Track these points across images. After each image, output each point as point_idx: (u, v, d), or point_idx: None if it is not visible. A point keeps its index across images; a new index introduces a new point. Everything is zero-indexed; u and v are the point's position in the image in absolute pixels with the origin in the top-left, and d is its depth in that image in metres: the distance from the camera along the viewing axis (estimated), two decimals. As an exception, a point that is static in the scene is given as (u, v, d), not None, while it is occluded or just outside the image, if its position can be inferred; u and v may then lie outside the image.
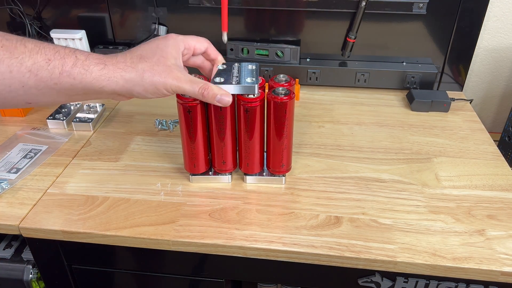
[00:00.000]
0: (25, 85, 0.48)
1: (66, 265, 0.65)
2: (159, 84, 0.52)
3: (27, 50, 0.47)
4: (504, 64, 0.99)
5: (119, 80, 0.51)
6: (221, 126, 0.60)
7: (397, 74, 0.91)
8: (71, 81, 0.49)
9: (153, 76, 0.52)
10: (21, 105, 0.51)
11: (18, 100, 0.50)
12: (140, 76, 0.52)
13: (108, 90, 0.51)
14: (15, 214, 0.61)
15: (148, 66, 0.52)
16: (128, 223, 0.59)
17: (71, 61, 0.49)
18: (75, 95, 0.51)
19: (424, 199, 0.63)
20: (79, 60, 0.50)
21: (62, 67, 0.49)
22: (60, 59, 0.49)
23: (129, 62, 0.52)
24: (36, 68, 0.47)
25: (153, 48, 0.54)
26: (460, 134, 0.79)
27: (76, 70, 0.49)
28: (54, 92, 0.50)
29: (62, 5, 0.94)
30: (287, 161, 0.64)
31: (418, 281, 0.57)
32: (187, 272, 0.64)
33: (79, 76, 0.49)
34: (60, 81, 0.49)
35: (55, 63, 0.48)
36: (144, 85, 0.52)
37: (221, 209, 0.62)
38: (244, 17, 0.91)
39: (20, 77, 0.47)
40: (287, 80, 0.62)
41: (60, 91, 0.50)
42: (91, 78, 0.50)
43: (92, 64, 0.50)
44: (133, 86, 0.52)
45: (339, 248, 0.55)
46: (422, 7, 0.84)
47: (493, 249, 0.55)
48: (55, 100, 0.52)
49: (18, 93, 0.48)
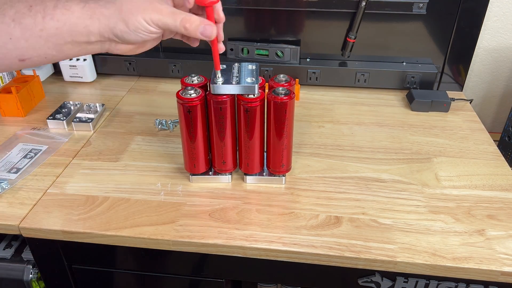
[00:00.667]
0: (12, 37, 0.47)
1: (66, 265, 0.65)
2: (139, 16, 0.49)
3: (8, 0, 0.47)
4: (504, 64, 0.99)
5: (100, 17, 0.49)
6: (221, 126, 0.60)
7: (397, 74, 0.91)
8: (55, 24, 0.48)
9: (132, 7, 0.49)
10: (15, 64, 0.50)
11: (10, 57, 0.48)
12: (119, 10, 0.49)
13: (94, 30, 0.49)
14: (15, 214, 0.61)
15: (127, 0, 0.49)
16: (128, 223, 0.59)
17: (52, 3, 0.48)
18: (64, 44, 0.49)
19: (424, 199, 0.64)
20: (60, 2, 0.48)
21: (44, 10, 0.47)
22: (41, 3, 0.48)
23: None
24: (19, 16, 0.47)
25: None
26: (460, 134, 0.79)
27: (58, 11, 0.48)
28: (42, 41, 0.48)
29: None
30: (287, 161, 0.64)
31: (418, 281, 0.57)
32: (187, 272, 0.64)
33: (63, 17, 0.48)
34: (45, 27, 0.47)
35: (36, 8, 0.47)
36: (124, 19, 0.49)
37: (221, 209, 0.62)
38: (244, 17, 0.91)
39: (5, 28, 0.46)
40: (287, 80, 0.62)
41: (47, 39, 0.48)
42: (74, 17, 0.48)
43: (73, 4, 0.48)
44: (114, 23, 0.49)
45: (339, 248, 0.55)
46: (422, 7, 0.84)
47: (493, 249, 0.55)
48: (46, 53, 0.50)
49: (7, 47, 0.47)
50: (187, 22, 0.50)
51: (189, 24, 0.50)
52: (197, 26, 0.50)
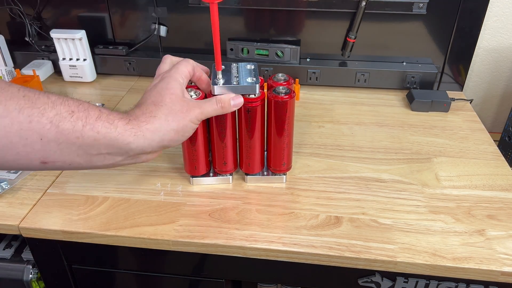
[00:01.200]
0: (44, 138, 0.44)
1: (66, 265, 0.65)
2: (185, 120, 0.51)
3: (50, 101, 0.44)
4: (504, 64, 0.99)
5: (146, 134, 0.49)
6: (222, 127, 0.60)
7: (397, 74, 0.91)
8: (95, 135, 0.46)
9: (176, 116, 0.51)
10: (34, 165, 0.46)
11: (32, 157, 0.45)
12: (165, 121, 0.50)
13: (135, 148, 0.49)
14: (15, 214, 0.61)
15: (166, 109, 0.50)
16: (128, 223, 0.59)
17: (95, 114, 0.46)
18: (97, 155, 0.47)
19: (424, 199, 0.64)
20: (103, 114, 0.47)
21: (86, 119, 0.45)
22: (84, 111, 0.46)
23: (148, 114, 0.50)
24: (58, 119, 0.44)
25: (159, 91, 0.52)
26: (460, 134, 0.79)
27: (100, 123, 0.46)
28: (74, 148, 0.46)
29: (62, 5, 0.94)
30: (288, 159, 0.64)
31: (418, 281, 0.57)
32: (187, 272, 0.64)
33: (103, 130, 0.46)
34: (82, 135, 0.45)
35: (78, 115, 0.45)
36: (173, 128, 0.51)
37: (221, 209, 0.62)
38: (244, 17, 0.91)
39: (39, 128, 0.43)
40: (286, 79, 0.62)
41: (81, 147, 0.46)
42: (116, 133, 0.47)
43: (116, 119, 0.47)
44: (162, 135, 0.50)
45: (339, 248, 0.55)
46: (422, 7, 0.84)
47: (493, 249, 0.55)
48: (72, 160, 0.47)
49: (34, 147, 0.44)
50: (221, 103, 0.56)
51: (223, 103, 0.56)
52: (229, 102, 0.56)
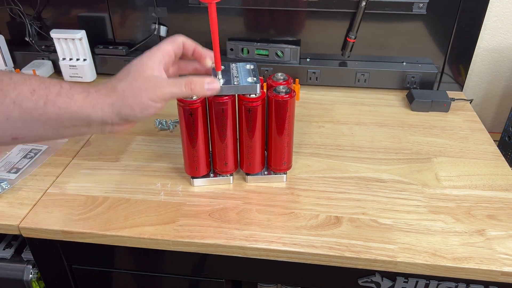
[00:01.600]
0: (10, 118, 0.46)
1: (66, 265, 0.65)
2: (143, 97, 0.50)
3: (12, 82, 0.46)
4: (504, 64, 0.99)
5: (104, 107, 0.49)
6: (223, 128, 0.60)
7: (397, 74, 0.91)
8: (56, 111, 0.47)
9: (134, 92, 0.50)
10: (7, 141, 0.49)
11: (3, 134, 0.48)
12: (122, 96, 0.50)
13: (96, 119, 0.50)
14: (15, 214, 0.61)
15: (126, 84, 0.50)
16: (128, 223, 0.59)
17: (55, 90, 0.48)
18: (62, 128, 0.49)
19: (424, 199, 0.64)
20: (63, 89, 0.48)
21: (47, 96, 0.47)
22: (45, 88, 0.47)
23: (109, 87, 0.51)
24: (20, 99, 0.46)
25: (128, 67, 0.52)
26: (460, 134, 0.79)
27: (61, 99, 0.48)
28: (40, 124, 0.48)
29: (62, 5, 0.94)
30: (288, 158, 0.64)
31: (418, 281, 0.57)
32: (187, 272, 0.64)
33: (64, 105, 0.48)
34: (45, 112, 0.47)
35: (39, 93, 0.47)
36: (129, 104, 0.50)
37: (221, 209, 0.62)
38: (244, 17, 0.91)
39: (4, 109, 0.46)
40: (285, 78, 0.62)
41: (46, 122, 0.48)
42: (76, 106, 0.48)
43: (76, 93, 0.48)
44: (119, 109, 0.50)
45: (339, 248, 0.55)
46: (422, 7, 0.84)
47: (493, 249, 0.55)
48: (41, 134, 0.49)
49: (3, 126, 0.47)
50: (192, 84, 0.52)
51: (194, 85, 0.52)
52: (202, 85, 0.53)
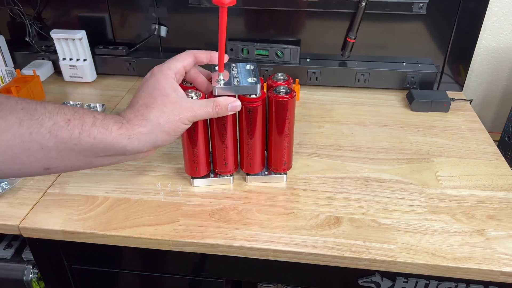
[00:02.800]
0: (45, 148, 0.47)
1: (66, 265, 0.65)
2: (178, 122, 0.52)
3: (46, 111, 0.47)
4: (504, 64, 0.99)
5: (139, 137, 0.51)
6: (223, 128, 0.60)
7: (397, 74, 0.91)
8: (91, 141, 0.48)
9: (168, 118, 0.52)
10: (39, 171, 0.49)
11: (36, 165, 0.48)
12: (157, 124, 0.51)
13: (131, 150, 0.51)
14: (15, 214, 0.61)
15: (158, 112, 0.52)
16: (128, 223, 0.59)
17: (90, 121, 0.48)
18: (95, 157, 0.51)
19: (424, 199, 0.64)
20: (97, 120, 0.49)
21: (82, 126, 0.48)
22: (79, 118, 0.48)
23: (140, 116, 0.51)
24: (56, 129, 0.46)
25: (150, 91, 0.53)
26: (460, 134, 0.79)
27: (96, 129, 0.48)
28: (74, 154, 0.49)
29: (62, 5, 0.94)
30: (289, 158, 0.64)
31: (418, 281, 0.57)
32: (187, 272, 0.64)
33: (99, 135, 0.48)
34: (80, 141, 0.48)
35: (74, 123, 0.47)
36: (165, 130, 0.52)
37: (221, 209, 0.62)
38: (244, 17, 0.91)
39: (39, 139, 0.46)
40: (285, 78, 0.62)
41: (80, 152, 0.49)
42: (111, 137, 0.49)
43: (110, 123, 0.49)
44: (155, 137, 0.52)
45: (339, 248, 0.55)
46: (422, 7, 0.84)
47: (493, 249, 0.55)
48: (74, 164, 0.50)
49: (36, 156, 0.47)
50: (217, 107, 0.55)
51: (219, 108, 0.55)
52: (226, 106, 0.56)
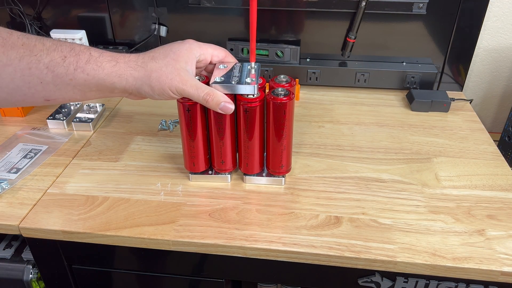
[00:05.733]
0: (43, 81, 0.50)
1: (66, 265, 0.65)
2: (165, 85, 0.53)
3: (45, 48, 0.50)
4: (504, 64, 0.99)
5: (128, 78, 0.53)
6: (220, 126, 0.60)
7: (397, 74, 0.91)
8: (85, 77, 0.51)
9: (160, 76, 0.53)
10: (40, 102, 0.53)
11: (37, 96, 0.52)
12: (148, 76, 0.53)
13: (119, 87, 0.53)
14: (15, 214, 0.61)
15: (157, 66, 0.53)
16: (128, 223, 0.59)
17: (85, 58, 0.51)
18: (89, 91, 0.53)
19: (424, 199, 0.64)
20: (92, 57, 0.52)
21: (77, 63, 0.51)
22: (75, 55, 0.51)
23: (140, 62, 0.54)
24: (53, 65, 0.50)
25: (167, 50, 0.55)
26: (460, 134, 0.79)
27: (90, 66, 0.51)
28: (70, 87, 0.52)
29: (62, 5, 0.94)
30: (287, 162, 0.64)
31: (418, 281, 0.57)
32: (187, 272, 0.64)
33: (92, 72, 0.51)
34: (75, 77, 0.51)
35: (70, 60, 0.51)
36: (151, 85, 0.53)
37: (221, 209, 0.62)
38: (244, 17, 0.91)
39: (38, 74, 0.50)
40: (288, 80, 0.62)
41: (75, 86, 0.52)
42: (103, 74, 0.52)
43: (105, 61, 0.52)
44: (141, 85, 0.53)
45: (339, 248, 0.55)
46: (422, 7, 0.84)
47: (493, 249, 0.55)
48: (71, 96, 0.54)
49: (36, 89, 0.51)
50: (209, 97, 0.55)
51: (211, 99, 0.55)
52: (219, 102, 0.55)
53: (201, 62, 0.59)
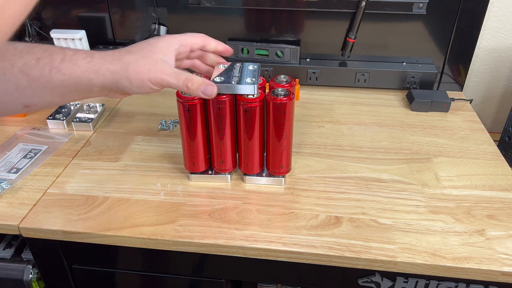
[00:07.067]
0: (20, 86, 0.48)
1: (66, 265, 0.65)
2: (144, 76, 0.52)
3: (17, 51, 0.48)
4: (504, 64, 0.99)
5: (105, 73, 0.51)
6: (220, 126, 0.60)
7: (397, 74, 0.91)
8: (61, 77, 0.49)
9: (137, 68, 0.52)
10: (19, 109, 0.51)
11: (15, 103, 0.50)
12: (125, 69, 0.51)
13: (97, 84, 0.51)
14: (15, 214, 0.61)
15: (133, 58, 0.52)
16: (128, 223, 0.59)
17: (59, 57, 0.49)
18: (68, 93, 0.51)
19: (424, 199, 0.64)
20: (67, 56, 0.50)
21: (51, 63, 0.49)
22: (49, 56, 0.49)
23: (116, 55, 0.52)
24: (27, 68, 0.48)
25: (143, 44, 0.55)
26: (460, 134, 0.79)
27: (65, 65, 0.49)
28: (47, 90, 0.50)
29: (62, 5, 0.94)
30: (287, 162, 0.64)
31: (418, 281, 0.57)
32: (187, 272, 0.64)
33: (68, 71, 0.49)
34: (51, 79, 0.49)
35: (44, 61, 0.49)
36: (129, 78, 0.51)
37: (221, 209, 0.62)
38: (244, 17, 0.91)
39: (13, 79, 0.47)
40: (288, 81, 0.62)
41: (53, 89, 0.50)
42: (79, 71, 0.50)
43: (80, 58, 0.50)
44: (118, 79, 0.51)
45: (339, 248, 0.55)
46: (422, 7, 0.84)
47: (493, 249, 0.55)
48: (50, 100, 0.52)
49: (14, 95, 0.49)
50: (189, 82, 0.53)
51: (191, 83, 0.53)
52: (199, 85, 0.54)
53: (182, 53, 0.58)
